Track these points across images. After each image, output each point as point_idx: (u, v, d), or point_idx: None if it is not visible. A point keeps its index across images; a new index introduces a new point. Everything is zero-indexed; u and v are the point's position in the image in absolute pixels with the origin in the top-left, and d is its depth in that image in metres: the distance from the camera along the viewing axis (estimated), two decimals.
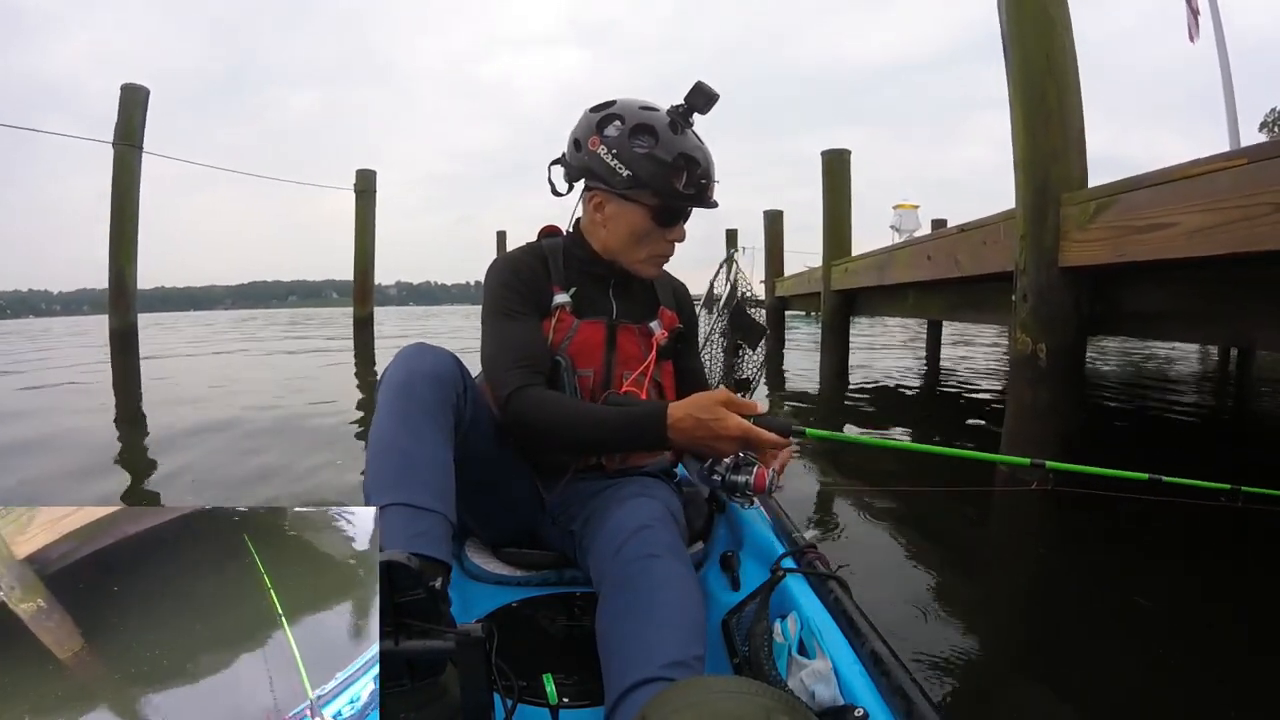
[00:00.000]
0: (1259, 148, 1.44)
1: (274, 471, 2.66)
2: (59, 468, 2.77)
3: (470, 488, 0.97)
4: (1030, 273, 2.07)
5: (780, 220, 8.73)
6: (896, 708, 0.68)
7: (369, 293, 9.61)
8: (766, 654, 0.85)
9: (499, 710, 0.66)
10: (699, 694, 0.57)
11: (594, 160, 1.07)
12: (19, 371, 7.03)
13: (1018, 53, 2.16)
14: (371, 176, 8.87)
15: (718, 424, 0.93)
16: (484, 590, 1.12)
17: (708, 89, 1.04)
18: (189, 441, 3.21)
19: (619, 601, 0.81)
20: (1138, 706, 1.17)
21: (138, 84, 5.69)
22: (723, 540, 1.23)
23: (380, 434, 0.88)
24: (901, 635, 1.27)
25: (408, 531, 0.79)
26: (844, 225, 5.20)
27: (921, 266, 3.16)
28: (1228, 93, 7.31)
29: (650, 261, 1.14)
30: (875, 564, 1.75)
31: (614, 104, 1.08)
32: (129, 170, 5.64)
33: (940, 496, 2.17)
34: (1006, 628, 1.40)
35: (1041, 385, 2.09)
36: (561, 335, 1.10)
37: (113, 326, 5.99)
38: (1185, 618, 1.46)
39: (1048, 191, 2.03)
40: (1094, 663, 1.29)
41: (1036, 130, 2.09)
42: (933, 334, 6.96)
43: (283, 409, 4.14)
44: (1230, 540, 1.74)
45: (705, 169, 1.07)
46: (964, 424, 3.83)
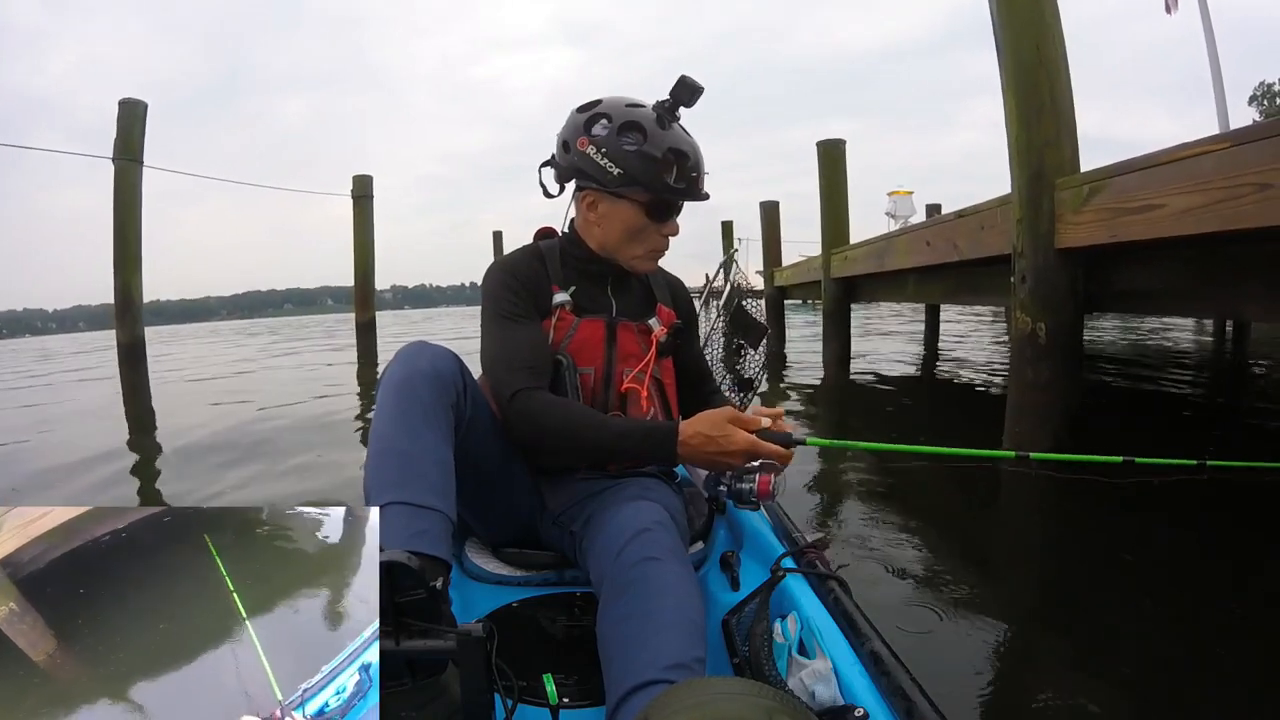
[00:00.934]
0: (1240, 131, 1.53)
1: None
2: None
3: (470, 487, 0.98)
4: (1028, 255, 2.16)
5: (776, 211, 8.78)
6: (896, 708, 0.68)
7: (370, 298, 9.65)
8: (766, 654, 0.85)
9: (499, 710, 0.66)
10: (700, 695, 0.58)
11: (584, 160, 1.07)
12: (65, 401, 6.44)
13: (1009, 45, 2.24)
14: (368, 181, 8.83)
15: (726, 440, 0.96)
16: (484, 590, 1.12)
17: (691, 82, 1.05)
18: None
19: (619, 605, 0.81)
20: (1139, 708, 1.17)
21: (136, 99, 5.70)
22: (723, 540, 1.23)
23: (380, 433, 0.88)
24: (901, 634, 1.30)
25: (408, 530, 0.79)
26: (842, 214, 5.27)
27: (921, 252, 3.24)
28: (1214, 68, 7.40)
29: (647, 257, 1.15)
30: (876, 561, 1.76)
31: (600, 103, 1.08)
32: (130, 185, 5.61)
33: (942, 498, 2.27)
34: (1007, 628, 1.41)
35: (1042, 362, 2.19)
36: (562, 334, 1.11)
37: (120, 340, 5.95)
38: (1192, 623, 1.44)
39: (1042, 177, 2.12)
40: (1095, 663, 1.29)
41: (1030, 119, 2.17)
42: (931, 317, 7.06)
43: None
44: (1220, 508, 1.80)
45: (695, 162, 1.08)
46: (964, 401, 3.92)
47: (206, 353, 12.49)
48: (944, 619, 1.44)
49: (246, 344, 15.49)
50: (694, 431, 0.97)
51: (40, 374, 9.71)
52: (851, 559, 1.74)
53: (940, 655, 1.29)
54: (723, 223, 13.73)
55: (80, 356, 13.83)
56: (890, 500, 2.23)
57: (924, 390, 4.77)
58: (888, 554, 1.81)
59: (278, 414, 4.38)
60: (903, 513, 2.11)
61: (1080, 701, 1.15)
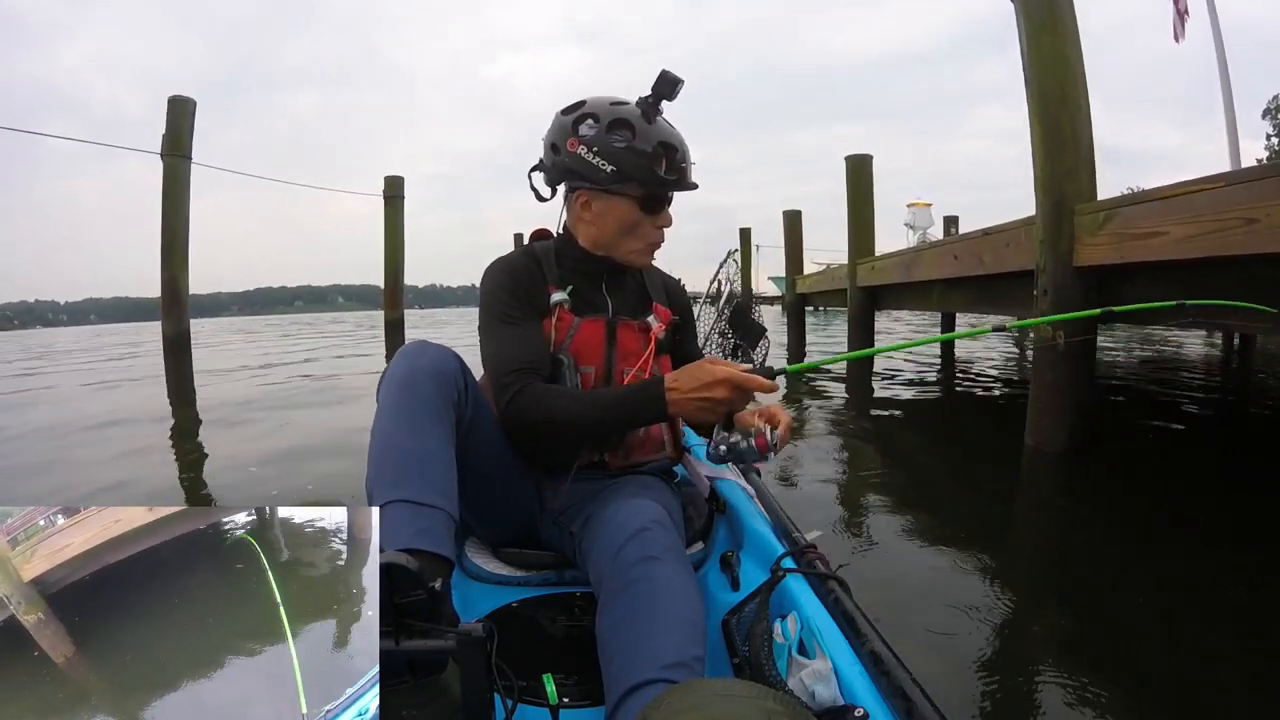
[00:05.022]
0: (1231, 174, 1.84)
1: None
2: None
3: (471, 487, 0.98)
4: (1049, 271, 2.47)
5: (799, 220, 8.95)
6: (896, 708, 0.68)
7: (399, 296, 9.88)
8: (766, 654, 0.85)
9: (499, 710, 0.66)
10: (699, 697, 0.58)
11: (575, 160, 1.08)
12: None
13: (1036, 86, 2.56)
14: (400, 182, 9.10)
15: (707, 374, 0.96)
16: (484, 590, 1.12)
17: (671, 76, 1.06)
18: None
19: (618, 604, 0.81)
20: (1140, 708, 1.17)
21: (185, 96, 5.80)
22: (723, 540, 1.23)
23: (382, 431, 0.88)
24: (901, 634, 1.35)
25: (411, 528, 0.79)
26: (868, 226, 5.58)
27: (947, 265, 3.55)
28: (1225, 86, 7.65)
29: (645, 250, 1.16)
30: (877, 560, 1.78)
31: (584, 104, 1.10)
32: (179, 180, 5.76)
33: (942, 497, 2.34)
34: (1008, 627, 1.42)
35: (1060, 366, 2.51)
36: (563, 334, 1.11)
37: (166, 332, 6.09)
38: (1200, 624, 1.45)
39: (1063, 204, 2.43)
40: (1097, 663, 1.28)
41: (1053, 152, 2.49)
42: (946, 326, 7.39)
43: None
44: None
45: (683, 153, 1.10)
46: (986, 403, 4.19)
47: (270, 348, 12.12)
48: (945, 619, 1.44)
49: (295, 337, 15.42)
50: (676, 376, 0.99)
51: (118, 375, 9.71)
52: (852, 559, 1.76)
53: (940, 655, 1.29)
54: (741, 230, 14.03)
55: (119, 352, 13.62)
56: (890, 500, 2.30)
57: (942, 395, 4.99)
58: (888, 553, 1.83)
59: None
60: (903, 512, 2.16)
61: (1081, 701, 1.15)
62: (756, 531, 1.13)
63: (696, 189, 1.14)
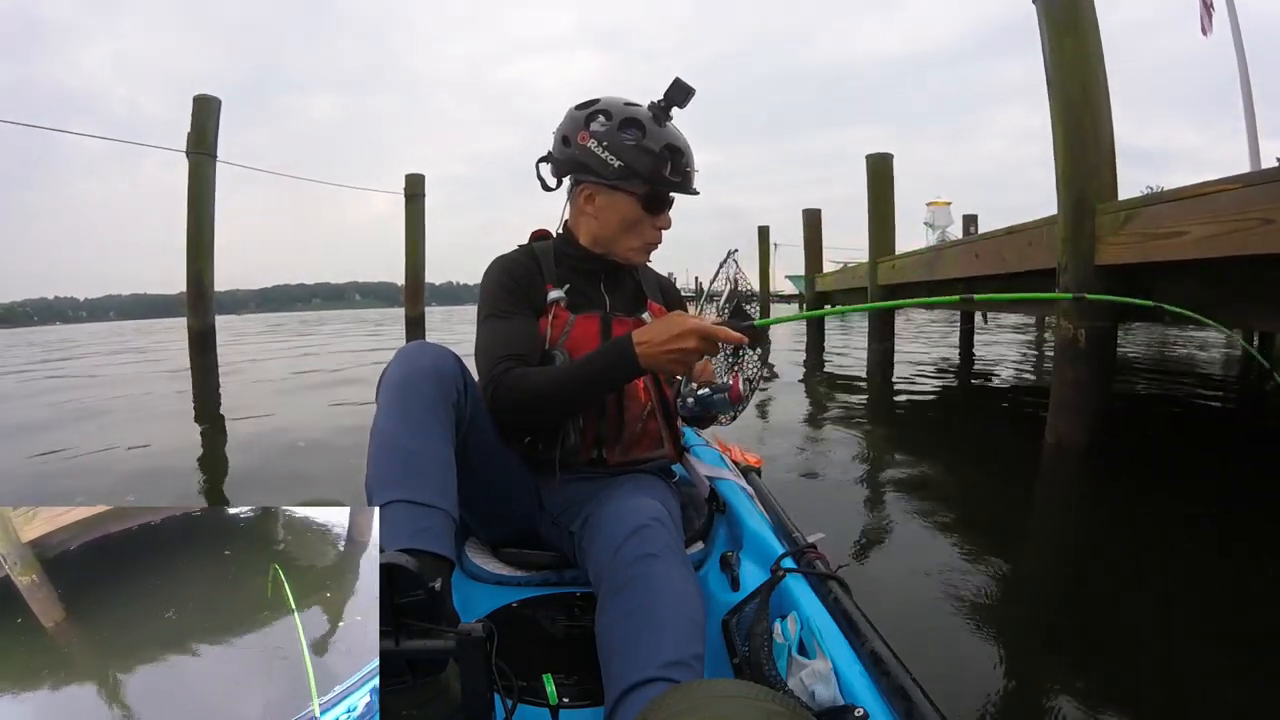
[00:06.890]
0: (1250, 175, 1.88)
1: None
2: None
3: (471, 486, 0.98)
4: (1071, 270, 2.51)
5: (819, 218, 9.01)
6: (896, 708, 0.68)
7: (421, 293, 10.05)
8: (766, 654, 0.85)
9: (499, 710, 0.66)
10: (699, 698, 0.58)
11: (584, 154, 1.10)
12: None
13: (1058, 86, 2.60)
14: (420, 181, 9.30)
15: (675, 325, 0.95)
16: (484, 590, 1.12)
17: (684, 84, 1.09)
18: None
19: (618, 602, 0.81)
20: (1141, 709, 1.17)
21: (209, 95, 6.02)
22: (723, 540, 1.22)
23: (381, 431, 0.88)
24: (901, 634, 1.34)
25: (411, 528, 0.79)
26: (888, 224, 5.62)
27: (970, 263, 3.60)
28: (1244, 85, 7.58)
29: (642, 249, 1.18)
30: (877, 560, 1.79)
31: (598, 101, 1.13)
32: (204, 178, 5.97)
33: (943, 497, 2.30)
34: (1008, 627, 1.42)
35: (1080, 363, 2.55)
36: (559, 331, 1.12)
37: (192, 327, 6.29)
38: (1200, 624, 1.45)
39: (1085, 203, 2.47)
40: (1098, 663, 1.29)
41: (1075, 152, 2.53)
42: (965, 324, 7.41)
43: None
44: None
45: (688, 158, 1.13)
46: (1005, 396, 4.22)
47: (315, 345, 11.91)
48: (945, 619, 1.44)
49: (328, 335, 15.42)
50: (645, 329, 0.98)
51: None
52: (851, 559, 1.76)
53: (940, 655, 1.29)
54: (759, 227, 14.06)
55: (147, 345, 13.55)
56: (890, 499, 2.31)
57: (960, 390, 5.03)
58: (888, 553, 1.84)
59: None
60: (903, 512, 2.16)
61: (1086, 703, 1.15)
62: (756, 531, 1.13)
63: (698, 195, 1.17)
